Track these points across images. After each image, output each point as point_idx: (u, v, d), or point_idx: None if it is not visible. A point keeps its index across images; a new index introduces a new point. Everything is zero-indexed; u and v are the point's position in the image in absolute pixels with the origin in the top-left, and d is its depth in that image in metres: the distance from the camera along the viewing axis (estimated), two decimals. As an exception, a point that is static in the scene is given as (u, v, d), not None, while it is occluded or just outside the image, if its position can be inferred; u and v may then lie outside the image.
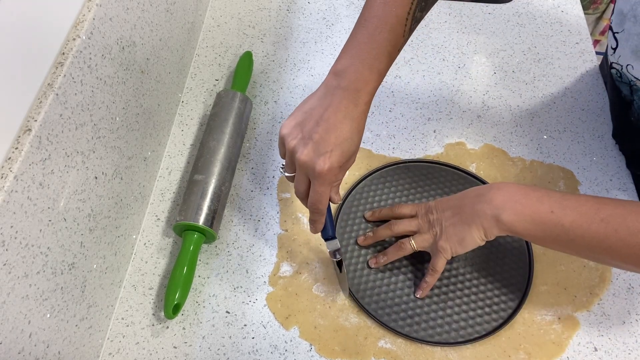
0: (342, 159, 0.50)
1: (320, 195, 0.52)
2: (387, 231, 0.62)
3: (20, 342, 0.43)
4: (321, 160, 0.49)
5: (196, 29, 0.84)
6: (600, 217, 0.47)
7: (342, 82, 0.49)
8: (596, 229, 0.47)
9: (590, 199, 0.49)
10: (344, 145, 0.49)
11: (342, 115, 0.49)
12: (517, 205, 0.51)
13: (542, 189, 0.52)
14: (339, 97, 0.49)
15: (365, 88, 0.50)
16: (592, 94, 0.79)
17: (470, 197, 0.55)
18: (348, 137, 0.49)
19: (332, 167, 0.49)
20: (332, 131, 0.49)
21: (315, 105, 0.50)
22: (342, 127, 0.49)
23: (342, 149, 0.49)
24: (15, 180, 0.41)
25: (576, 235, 0.48)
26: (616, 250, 0.47)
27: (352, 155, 0.52)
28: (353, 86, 0.49)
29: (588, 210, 0.48)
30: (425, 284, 0.60)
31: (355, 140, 0.51)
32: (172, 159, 0.73)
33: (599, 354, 0.58)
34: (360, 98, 0.50)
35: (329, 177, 0.50)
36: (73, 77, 0.48)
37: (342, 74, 0.50)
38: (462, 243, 0.55)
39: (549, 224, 0.49)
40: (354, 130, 0.50)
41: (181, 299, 0.58)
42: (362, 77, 0.49)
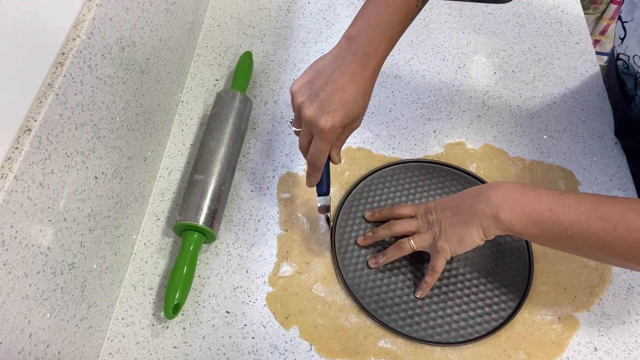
0: (345, 119, 0.52)
1: (320, 151, 0.54)
2: (387, 231, 0.62)
3: (20, 342, 0.43)
4: (324, 118, 0.51)
5: (196, 29, 0.84)
6: (599, 215, 0.47)
7: (353, 46, 0.52)
8: (595, 226, 0.47)
9: (588, 196, 0.49)
10: (348, 106, 0.52)
11: (349, 77, 0.51)
12: (515, 203, 0.51)
13: (541, 188, 0.52)
14: (348, 60, 0.51)
15: (375, 53, 0.52)
16: (592, 94, 0.79)
17: (469, 196, 0.55)
18: (353, 99, 0.51)
19: (334, 125, 0.51)
20: (338, 91, 0.51)
21: (326, 65, 0.53)
22: (349, 89, 0.51)
23: (346, 109, 0.52)
24: (15, 180, 0.41)
25: (574, 233, 0.48)
26: (615, 248, 0.47)
27: (356, 118, 0.54)
28: (363, 50, 0.51)
29: (586, 207, 0.48)
30: (425, 284, 0.60)
31: (360, 102, 0.52)
32: (172, 159, 0.73)
33: (599, 354, 0.58)
34: (370, 62, 0.52)
35: (330, 135, 0.52)
36: (73, 77, 0.48)
37: (354, 39, 0.52)
38: (461, 243, 0.55)
39: (547, 222, 0.49)
40: (360, 93, 0.52)
41: (181, 299, 0.58)
42: (372, 42, 0.51)
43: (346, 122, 0.53)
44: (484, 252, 0.64)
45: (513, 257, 0.64)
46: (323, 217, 0.62)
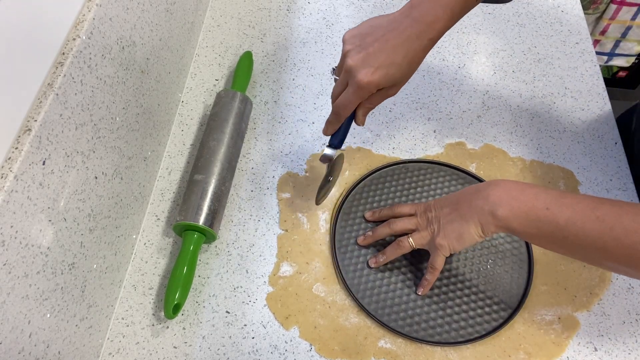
0: (383, 80, 0.52)
1: (348, 102, 0.54)
2: (386, 229, 0.62)
3: (20, 342, 0.43)
4: (364, 71, 0.51)
5: (196, 29, 0.84)
6: (596, 216, 0.47)
7: (414, 12, 0.52)
8: (591, 227, 0.47)
9: (587, 197, 0.49)
10: (391, 69, 0.52)
11: (401, 41, 0.51)
12: (513, 201, 0.51)
13: (540, 186, 0.52)
14: (405, 25, 0.52)
15: (434, 24, 0.52)
16: (592, 94, 0.79)
17: (468, 193, 0.55)
18: (398, 63, 0.52)
19: (371, 81, 0.52)
20: (386, 51, 0.51)
21: (383, 24, 0.53)
22: (397, 52, 0.51)
23: (388, 70, 0.52)
24: (15, 180, 0.41)
25: (570, 233, 0.48)
26: (610, 250, 0.46)
27: (395, 83, 0.54)
28: (423, 19, 0.51)
29: (584, 208, 0.48)
30: (425, 282, 0.60)
31: (404, 69, 0.52)
32: (172, 159, 0.73)
33: (599, 354, 0.58)
34: (426, 32, 0.52)
35: (363, 90, 0.52)
36: (73, 77, 0.48)
37: (416, 6, 0.52)
38: (459, 239, 0.55)
39: (544, 220, 0.49)
40: (407, 60, 0.52)
41: (181, 299, 0.58)
42: (434, 12, 0.51)
43: (384, 83, 0.53)
44: (484, 252, 0.64)
45: (513, 257, 0.64)
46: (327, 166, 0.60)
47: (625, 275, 0.50)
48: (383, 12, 0.90)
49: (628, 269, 0.47)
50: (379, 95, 0.55)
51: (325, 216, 0.67)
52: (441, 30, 0.53)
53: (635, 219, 0.45)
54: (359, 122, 0.58)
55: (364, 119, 0.58)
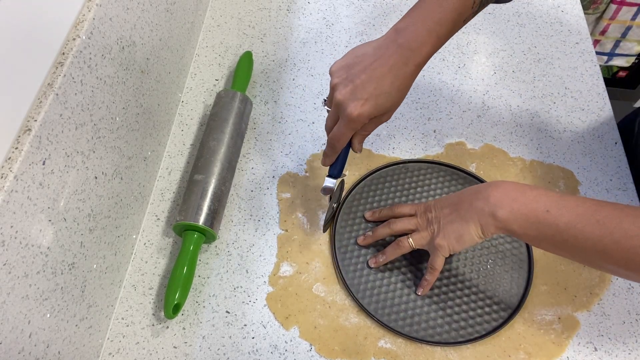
0: (374, 111, 0.52)
1: (341, 135, 0.55)
2: (386, 229, 0.62)
3: (20, 342, 0.43)
4: (353, 105, 0.51)
5: (196, 29, 0.84)
6: (596, 219, 0.46)
7: (399, 38, 0.51)
8: (591, 230, 0.46)
9: (588, 200, 0.49)
10: (380, 98, 0.52)
11: (388, 69, 0.51)
12: (513, 203, 0.51)
13: (541, 188, 0.52)
14: (391, 52, 0.51)
15: (419, 49, 0.51)
16: (592, 94, 0.79)
17: (469, 194, 0.55)
18: (386, 91, 0.51)
19: (361, 114, 0.52)
20: (373, 81, 0.51)
21: (368, 53, 0.52)
22: (384, 81, 0.51)
23: (377, 100, 0.52)
24: (15, 180, 0.41)
25: (570, 236, 0.48)
26: (610, 253, 0.46)
27: (386, 111, 0.54)
28: (408, 45, 0.51)
29: (585, 211, 0.47)
30: (425, 282, 0.60)
31: (393, 96, 0.52)
32: (172, 159, 0.73)
33: (599, 354, 0.58)
34: (412, 58, 0.51)
35: (354, 122, 0.53)
36: (73, 77, 0.48)
37: (401, 31, 0.51)
38: (459, 240, 0.55)
39: (544, 223, 0.49)
40: (395, 87, 0.52)
41: (181, 299, 0.58)
42: (419, 37, 0.51)
43: (374, 113, 0.53)
44: (484, 252, 0.64)
45: (513, 257, 0.64)
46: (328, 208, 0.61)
47: (625, 278, 0.49)
48: (383, 12, 0.90)
49: (628, 272, 0.47)
50: (372, 123, 0.55)
51: (325, 216, 0.67)
52: (427, 55, 0.52)
53: (636, 223, 0.45)
54: (356, 150, 0.59)
55: (361, 146, 0.59)
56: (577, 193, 0.69)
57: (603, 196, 0.69)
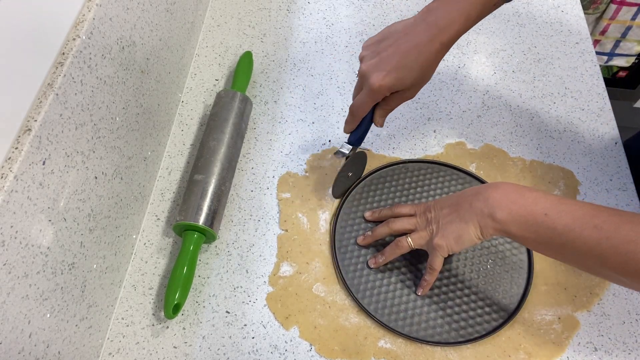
0: (395, 83, 0.54)
1: (362, 104, 0.57)
2: (385, 229, 0.62)
3: (20, 342, 0.43)
4: (376, 75, 0.54)
5: (196, 29, 0.84)
6: (594, 223, 0.46)
7: (429, 17, 0.54)
8: (589, 234, 0.46)
9: (587, 204, 0.49)
10: (402, 72, 0.53)
11: (413, 44, 0.53)
12: (512, 205, 0.51)
13: (540, 191, 0.52)
14: (419, 29, 0.54)
15: (447, 28, 0.53)
16: (592, 94, 0.79)
17: (468, 195, 0.55)
18: (409, 66, 0.53)
19: (382, 85, 0.54)
20: (397, 55, 0.53)
21: (398, 30, 0.55)
22: (408, 56, 0.53)
23: (398, 74, 0.54)
24: (15, 180, 0.41)
25: (568, 240, 0.48)
26: (607, 258, 0.46)
27: (408, 87, 0.56)
28: (436, 23, 0.53)
29: (583, 215, 0.47)
30: (425, 282, 0.60)
31: (416, 72, 0.54)
32: (172, 159, 0.73)
33: (599, 354, 0.58)
34: (439, 36, 0.53)
35: (375, 93, 0.55)
36: (73, 77, 0.48)
37: (432, 10, 0.54)
38: (458, 240, 0.55)
39: (542, 226, 0.49)
40: (419, 63, 0.53)
41: (181, 299, 0.58)
42: (448, 16, 0.53)
43: (395, 86, 0.54)
44: (484, 252, 0.64)
45: (513, 257, 0.64)
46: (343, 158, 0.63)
47: (623, 285, 0.49)
48: (383, 12, 0.90)
49: (624, 278, 0.46)
50: (394, 98, 0.57)
51: (325, 216, 0.67)
52: (455, 34, 0.53)
53: (634, 229, 0.44)
54: (377, 124, 0.61)
55: (382, 120, 0.61)
56: (577, 193, 0.69)
57: (603, 196, 0.69)
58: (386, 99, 0.57)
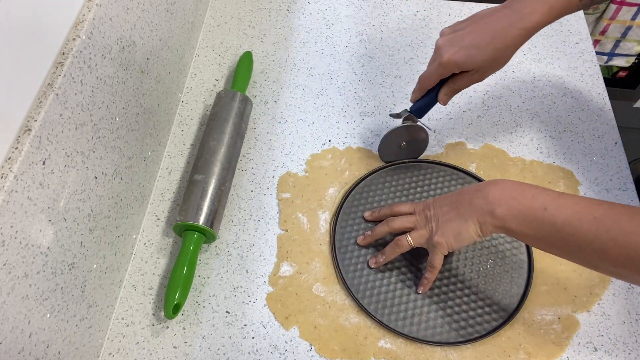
0: (464, 60, 0.56)
1: (430, 75, 0.59)
2: (385, 228, 0.62)
3: (20, 342, 0.43)
4: (448, 50, 0.56)
5: (196, 29, 0.84)
6: (594, 216, 0.46)
7: (514, 3, 0.55)
8: (589, 227, 0.46)
9: (585, 199, 0.49)
10: (472, 50, 0.55)
11: (491, 27, 0.55)
12: (511, 201, 0.51)
13: (539, 187, 0.52)
14: (501, 14, 0.56)
15: (529, 15, 0.54)
16: (592, 94, 0.79)
17: (467, 192, 0.55)
18: (480, 46, 0.55)
19: (451, 59, 0.56)
20: (472, 34, 0.56)
21: (483, 14, 0.57)
22: (482, 36, 0.55)
23: (469, 52, 0.55)
24: (15, 180, 0.41)
25: (568, 234, 0.48)
26: (606, 251, 0.46)
27: (477, 68, 0.57)
28: (519, 9, 0.54)
29: (582, 209, 0.48)
30: (425, 280, 0.60)
31: (488, 53, 0.55)
32: (172, 159, 0.73)
33: (599, 354, 0.58)
34: (519, 23, 0.54)
35: (444, 68, 0.57)
36: (73, 77, 0.48)
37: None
38: (457, 237, 0.55)
39: (542, 221, 0.49)
40: (492, 45, 0.55)
41: (181, 299, 0.58)
42: (531, 5, 0.54)
43: (465, 64, 0.56)
44: (484, 252, 0.64)
45: (513, 257, 0.64)
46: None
47: (624, 279, 0.49)
48: (383, 12, 0.90)
49: (625, 270, 0.46)
50: (463, 78, 0.59)
51: (325, 216, 0.67)
52: (537, 23, 0.54)
53: (633, 221, 0.45)
54: (441, 101, 0.62)
55: (446, 99, 0.62)
56: (577, 193, 0.69)
57: (603, 196, 0.69)
58: (454, 77, 0.59)
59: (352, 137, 0.74)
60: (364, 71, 0.82)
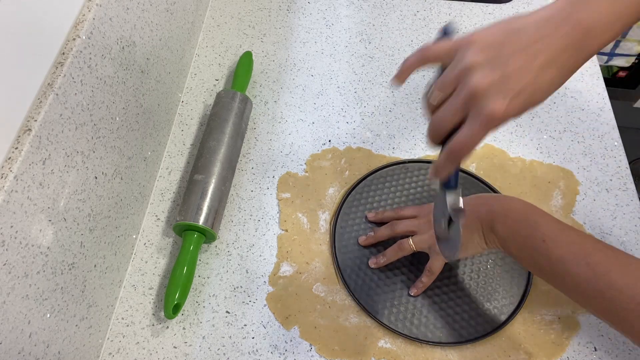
0: (523, 109, 0.39)
1: (472, 140, 0.40)
2: (388, 231, 0.62)
3: (20, 342, 0.43)
4: (500, 100, 0.38)
5: (196, 29, 0.84)
6: (587, 262, 0.46)
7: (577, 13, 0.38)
8: (578, 271, 0.46)
9: (587, 239, 0.48)
10: (535, 95, 0.39)
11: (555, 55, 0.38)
12: (514, 224, 0.51)
13: (545, 215, 0.51)
14: (562, 32, 0.38)
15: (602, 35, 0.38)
16: (592, 94, 0.79)
17: (474, 204, 0.55)
18: (545, 89, 0.39)
19: (508, 114, 0.38)
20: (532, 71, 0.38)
21: (529, 28, 0.38)
22: (546, 73, 0.38)
23: (531, 97, 0.39)
24: (15, 180, 0.41)
25: (559, 271, 0.48)
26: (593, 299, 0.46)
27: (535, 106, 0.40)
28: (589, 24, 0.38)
29: (578, 250, 0.47)
30: (420, 284, 0.60)
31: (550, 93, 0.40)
32: (172, 159, 0.73)
33: (599, 354, 0.58)
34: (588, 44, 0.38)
35: (494, 123, 0.39)
36: (73, 77, 0.48)
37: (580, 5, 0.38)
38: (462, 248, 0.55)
39: (537, 251, 0.49)
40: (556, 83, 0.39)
41: (181, 299, 0.58)
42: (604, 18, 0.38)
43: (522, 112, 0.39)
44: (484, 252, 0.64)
45: (513, 257, 0.64)
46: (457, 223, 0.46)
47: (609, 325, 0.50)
48: (383, 12, 0.90)
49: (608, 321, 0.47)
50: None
51: (325, 216, 0.67)
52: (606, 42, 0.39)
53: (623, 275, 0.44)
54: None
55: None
56: (577, 193, 0.69)
57: (603, 196, 0.69)
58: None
59: (352, 137, 0.74)
60: (364, 71, 0.82)
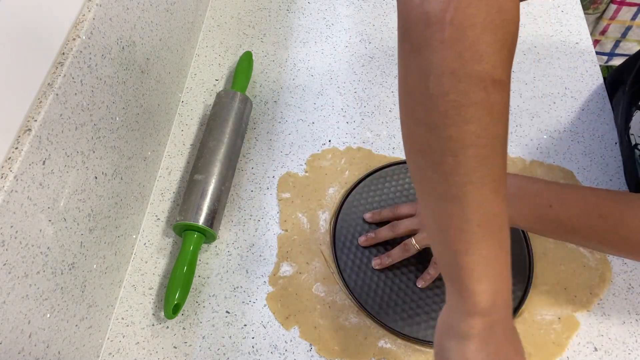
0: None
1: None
2: (389, 232, 0.62)
3: (20, 342, 0.43)
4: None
5: (196, 29, 0.84)
6: (599, 214, 0.48)
7: (495, 314, 0.39)
8: (594, 224, 0.48)
9: (588, 193, 0.50)
10: None
11: (514, 348, 0.41)
12: (516, 199, 0.51)
13: (542, 181, 0.53)
14: (500, 333, 0.40)
15: (509, 309, 0.41)
16: (592, 94, 0.79)
17: None
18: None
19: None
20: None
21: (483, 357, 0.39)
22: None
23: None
24: (15, 180, 0.41)
25: (574, 229, 0.49)
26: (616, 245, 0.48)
27: None
28: (506, 313, 0.40)
29: (587, 205, 0.49)
30: (428, 276, 0.60)
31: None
32: (172, 159, 0.73)
33: (599, 354, 0.58)
34: (510, 322, 0.41)
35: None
36: (73, 77, 0.48)
37: (490, 307, 0.38)
38: None
39: (547, 217, 0.50)
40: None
41: (181, 299, 0.58)
42: (508, 299, 0.40)
43: None
44: (484, 252, 0.64)
45: (513, 257, 0.63)
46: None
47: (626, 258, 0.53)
48: (383, 12, 0.90)
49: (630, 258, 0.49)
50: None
51: (325, 216, 0.67)
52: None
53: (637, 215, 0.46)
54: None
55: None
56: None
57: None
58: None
59: (352, 137, 0.74)
60: (364, 71, 0.82)
